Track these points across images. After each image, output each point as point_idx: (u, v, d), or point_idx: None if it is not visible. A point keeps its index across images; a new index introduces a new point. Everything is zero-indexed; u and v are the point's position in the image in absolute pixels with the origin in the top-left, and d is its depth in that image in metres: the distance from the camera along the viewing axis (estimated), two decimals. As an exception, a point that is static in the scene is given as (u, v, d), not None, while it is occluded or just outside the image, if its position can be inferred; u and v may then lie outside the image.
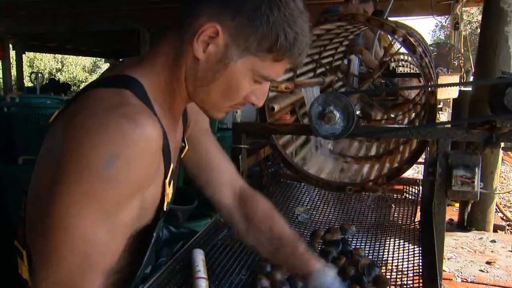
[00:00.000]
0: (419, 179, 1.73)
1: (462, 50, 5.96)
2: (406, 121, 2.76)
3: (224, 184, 1.04)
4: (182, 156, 0.98)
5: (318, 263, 0.91)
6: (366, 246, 1.31)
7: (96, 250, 0.66)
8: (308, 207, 1.65)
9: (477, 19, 13.99)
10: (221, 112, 0.82)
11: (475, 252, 2.33)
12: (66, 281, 0.65)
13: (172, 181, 0.85)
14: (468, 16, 13.50)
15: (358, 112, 2.67)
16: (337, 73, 2.48)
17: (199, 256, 1.01)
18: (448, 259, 2.19)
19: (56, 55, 17.12)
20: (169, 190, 0.84)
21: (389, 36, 2.20)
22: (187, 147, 0.98)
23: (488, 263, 2.14)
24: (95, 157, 0.63)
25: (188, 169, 1.04)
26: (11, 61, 7.80)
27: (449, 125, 1.44)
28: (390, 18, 3.29)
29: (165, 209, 0.85)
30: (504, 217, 3.51)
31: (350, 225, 1.37)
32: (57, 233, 0.64)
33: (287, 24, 0.72)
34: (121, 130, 0.64)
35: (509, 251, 2.33)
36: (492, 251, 2.33)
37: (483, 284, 1.94)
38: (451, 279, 1.98)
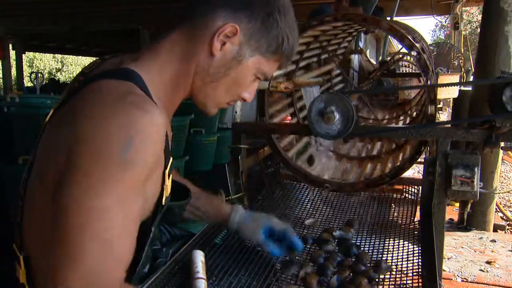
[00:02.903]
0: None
1: (462, 50, 5.96)
2: (406, 120, 2.76)
3: None
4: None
5: (228, 208, 1.15)
6: (366, 246, 1.31)
7: (115, 236, 0.67)
8: (308, 207, 1.65)
9: (477, 18, 13.99)
10: (217, 108, 0.89)
11: (475, 251, 2.33)
12: (92, 270, 0.65)
13: (170, 174, 0.87)
14: (468, 16, 13.50)
15: (358, 114, 2.66)
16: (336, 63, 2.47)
17: (198, 257, 1.01)
18: (448, 258, 2.19)
19: (56, 55, 17.12)
20: (168, 182, 0.85)
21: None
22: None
23: (488, 262, 2.14)
24: (110, 143, 0.65)
25: None
26: (11, 61, 7.79)
27: (449, 125, 1.44)
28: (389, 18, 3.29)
29: (163, 203, 0.85)
30: (504, 217, 3.52)
31: (349, 229, 1.36)
32: (76, 220, 0.64)
33: (289, 30, 0.83)
34: (131, 116, 0.67)
35: (509, 250, 2.33)
36: (492, 251, 2.33)
37: (483, 283, 1.94)
38: (451, 279, 1.98)
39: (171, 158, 0.85)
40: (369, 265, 1.15)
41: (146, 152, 0.68)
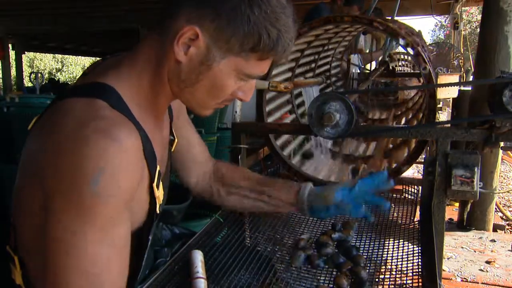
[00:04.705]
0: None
1: (462, 50, 5.96)
2: (405, 120, 2.76)
3: (202, 170, 1.12)
4: (172, 149, 0.98)
5: (297, 185, 1.06)
6: (366, 246, 1.31)
7: (102, 268, 0.65)
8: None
9: (476, 18, 13.99)
10: (209, 110, 0.82)
11: (474, 251, 2.33)
12: None
13: (161, 183, 0.84)
14: (467, 16, 13.50)
15: (357, 112, 2.66)
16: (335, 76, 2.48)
17: (198, 257, 1.01)
18: (448, 258, 2.19)
19: (56, 55, 17.13)
20: (159, 193, 0.83)
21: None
22: (176, 139, 0.98)
23: (488, 262, 2.15)
24: (79, 176, 0.62)
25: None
26: (10, 61, 7.80)
27: (449, 125, 1.44)
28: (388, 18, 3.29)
29: (157, 211, 0.84)
30: (504, 217, 3.51)
31: (348, 231, 1.36)
32: (60, 258, 0.64)
33: (269, 22, 0.71)
34: (99, 146, 0.63)
35: (508, 250, 2.33)
36: (491, 251, 2.33)
37: (482, 283, 1.95)
38: (451, 279, 1.99)
39: (158, 167, 0.81)
40: (368, 266, 1.15)
41: (119, 181, 0.65)
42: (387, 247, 1.30)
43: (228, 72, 0.75)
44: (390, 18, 3.20)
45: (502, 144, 1.35)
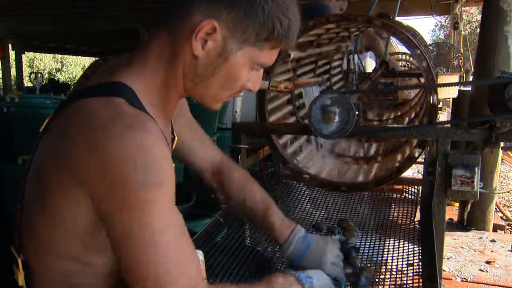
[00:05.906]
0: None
1: (462, 50, 5.96)
2: (406, 120, 2.76)
3: (204, 163, 1.14)
4: (173, 147, 0.99)
5: (285, 233, 1.05)
6: (366, 246, 1.31)
7: (177, 252, 0.68)
8: (308, 207, 1.65)
9: (476, 18, 13.99)
10: (219, 103, 0.85)
11: (474, 251, 2.33)
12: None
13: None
14: (467, 16, 13.50)
15: (357, 112, 2.66)
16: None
17: (198, 257, 1.01)
18: (448, 258, 2.19)
19: (56, 55, 17.12)
20: None
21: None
22: (176, 138, 0.99)
23: (488, 262, 2.15)
24: (127, 174, 0.64)
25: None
26: (10, 61, 7.79)
27: (449, 125, 1.44)
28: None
29: None
30: (504, 217, 3.51)
31: (351, 234, 1.34)
32: (136, 255, 0.66)
33: (281, 12, 0.75)
34: (135, 140, 0.65)
35: (508, 250, 2.33)
36: (491, 251, 2.33)
37: (482, 283, 1.95)
38: (451, 279, 1.99)
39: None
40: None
41: (163, 167, 0.68)
42: (387, 247, 1.30)
43: (243, 62, 0.78)
44: (391, 18, 3.20)
45: (502, 144, 1.35)
